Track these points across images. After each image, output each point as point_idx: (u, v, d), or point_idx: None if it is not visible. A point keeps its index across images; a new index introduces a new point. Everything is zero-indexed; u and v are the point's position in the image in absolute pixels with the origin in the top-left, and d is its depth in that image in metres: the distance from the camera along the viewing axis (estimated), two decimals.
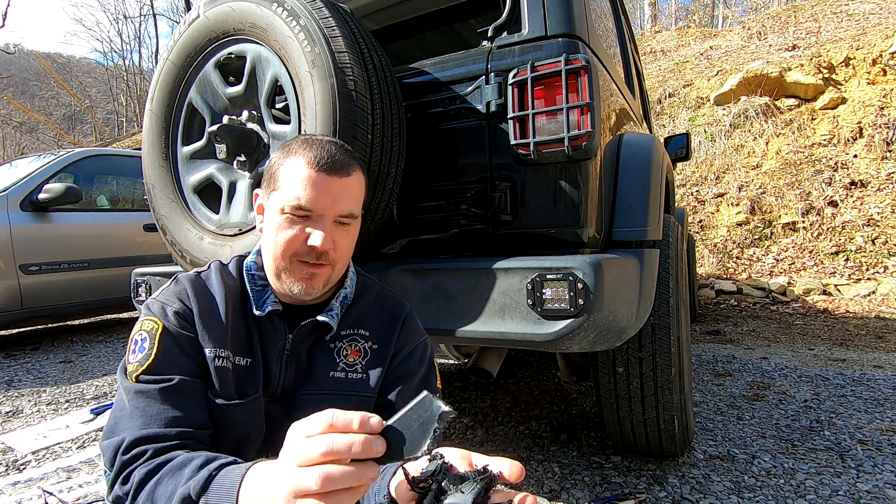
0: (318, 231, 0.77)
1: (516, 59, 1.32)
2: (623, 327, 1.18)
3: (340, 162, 0.79)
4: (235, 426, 0.78)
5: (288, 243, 0.78)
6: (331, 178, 0.78)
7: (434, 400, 0.49)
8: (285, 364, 0.84)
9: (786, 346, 3.27)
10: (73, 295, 3.69)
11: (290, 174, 0.79)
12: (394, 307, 0.93)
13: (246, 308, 0.84)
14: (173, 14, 25.77)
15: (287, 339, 0.84)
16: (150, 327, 0.78)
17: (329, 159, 0.78)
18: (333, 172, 0.78)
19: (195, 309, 0.79)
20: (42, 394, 2.58)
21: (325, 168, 0.78)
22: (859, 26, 7.44)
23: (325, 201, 0.78)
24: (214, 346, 0.78)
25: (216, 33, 1.40)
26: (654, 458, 1.64)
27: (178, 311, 0.78)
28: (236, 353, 0.80)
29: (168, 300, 0.80)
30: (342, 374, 0.85)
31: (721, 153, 6.32)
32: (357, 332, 0.88)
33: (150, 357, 0.75)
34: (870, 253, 4.80)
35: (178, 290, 0.81)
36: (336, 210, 0.79)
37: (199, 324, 0.78)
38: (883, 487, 1.44)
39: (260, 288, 0.85)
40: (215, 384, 0.78)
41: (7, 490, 1.57)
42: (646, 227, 1.37)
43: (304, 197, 0.77)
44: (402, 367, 0.89)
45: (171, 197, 1.52)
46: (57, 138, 22.93)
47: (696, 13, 20.26)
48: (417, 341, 0.92)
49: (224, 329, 0.80)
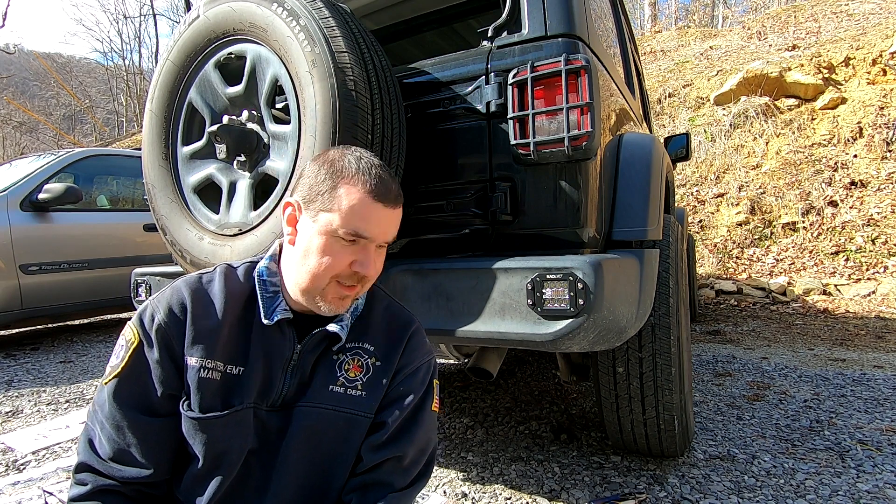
0: (367, 258, 0.79)
1: (516, 59, 1.32)
2: (623, 327, 1.18)
3: (395, 193, 0.81)
4: (212, 441, 0.77)
5: (334, 266, 0.78)
6: (387, 209, 0.80)
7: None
8: (290, 374, 0.82)
9: (786, 346, 3.27)
10: (73, 295, 3.69)
11: (348, 200, 0.77)
12: (402, 323, 0.91)
13: (249, 315, 0.83)
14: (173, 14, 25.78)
15: (296, 348, 0.82)
16: (129, 338, 0.80)
17: (387, 190, 0.80)
18: (390, 204, 0.80)
19: (189, 316, 0.79)
20: (42, 394, 2.58)
21: (383, 199, 0.79)
22: (859, 26, 7.44)
23: (378, 231, 0.80)
24: (202, 357, 0.78)
25: (216, 33, 1.40)
26: (654, 458, 1.64)
27: (165, 322, 0.79)
28: (228, 362, 0.79)
29: (159, 306, 0.80)
30: (341, 390, 0.83)
31: (721, 153, 6.32)
32: (362, 345, 0.87)
33: (119, 368, 0.79)
34: (870, 253, 4.80)
35: (173, 297, 0.81)
36: (384, 238, 0.81)
37: (190, 332, 0.78)
38: (883, 487, 1.44)
39: (271, 295, 0.84)
40: (192, 397, 0.77)
41: (7, 490, 1.57)
42: (646, 227, 1.37)
43: (364, 228, 0.78)
44: (401, 387, 0.87)
45: (171, 197, 1.52)
46: (57, 138, 22.93)
47: (696, 13, 20.27)
48: (422, 361, 0.90)
49: (216, 337, 0.79)
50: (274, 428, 0.81)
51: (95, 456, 0.78)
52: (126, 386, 0.78)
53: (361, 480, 0.83)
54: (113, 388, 0.78)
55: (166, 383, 0.78)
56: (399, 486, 0.83)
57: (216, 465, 0.78)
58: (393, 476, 0.83)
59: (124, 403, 0.77)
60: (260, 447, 0.81)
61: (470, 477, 1.58)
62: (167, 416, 0.78)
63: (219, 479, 0.78)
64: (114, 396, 0.77)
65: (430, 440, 0.89)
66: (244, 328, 0.82)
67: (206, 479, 0.78)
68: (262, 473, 0.81)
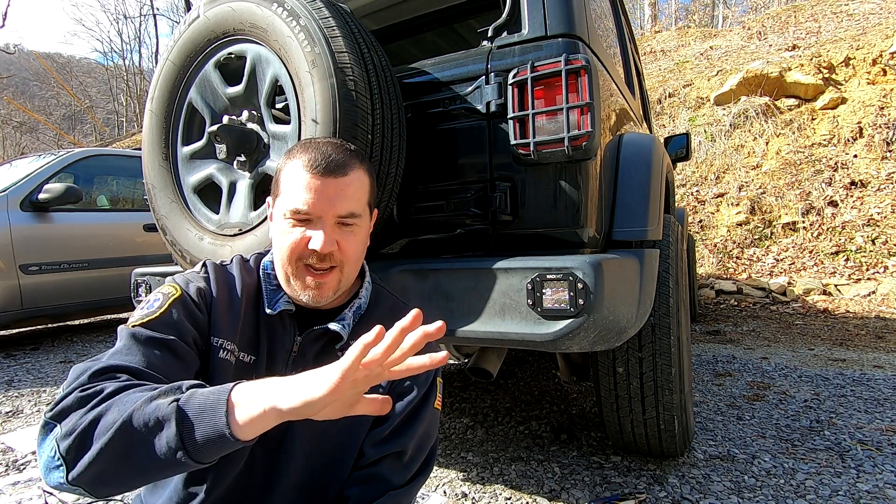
0: (318, 233, 0.77)
1: (516, 59, 1.32)
2: (623, 327, 1.18)
3: (336, 161, 0.79)
4: None
5: (291, 248, 0.79)
6: (327, 179, 0.78)
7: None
8: (291, 366, 0.83)
9: (786, 346, 3.27)
10: (73, 295, 3.69)
11: (289, 179, 0.80)
12: None
13: (258, 306, 0.85)
14: (173, 14, 25.76)
15: (295, 340, 0.83)
16: (167, 291, 0.79)
17: (324, 161, 0.78)
18: (329, 174, 0.78)
19: (215, 295, 0.81)
20: (42, 394, 2.58)
21: (321, 170, 0.78)
22: (859, 26, 7.44)
23: (322, 203, 0.78)
24: (223, 337, 0.79)
25: (216, 33, 1.40)
26: (654, 458, 1.64)
27: (200, 289, 0.80)
28: (242, 349, 0.81)
29: (193, 278, 0.82)
30: None
31: (721, 153, 6.32)
32: None
33: (156, 313, 0.74)
34: (870, 253, 4.80)
35: (203, 273, 0.84)
36: (335, 211, 0.79)
37: (216, 310, 0.80)
38: (883, 487, 1.44)
39: (274, 288, 0.86)
40: (210, 375, 0.77)
41: (7, 490, 1.57)
42: (646, 227, 1.37)
43: (301, 200, 0.77)
44: (405, 383, 0.87)
45: (171, 197, 1.52)
46: (57, 138, 22.92)
47: (696, 13, 20.27)
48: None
49: (237, 322, 0.81)
50: (281, 424, 0.81)
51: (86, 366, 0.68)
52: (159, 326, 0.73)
53: (363, 475, 0.84)
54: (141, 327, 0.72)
55: (197, 339, 0.77)
56: (398, 483, 0.83)
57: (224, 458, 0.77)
58: (392, 472, 0.83)
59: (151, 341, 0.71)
60: (264, 443, 0.80)
61: (470, 477, 1.58)
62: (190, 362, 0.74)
63: (223, 471, 0.77)
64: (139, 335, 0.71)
65: (430, 437, 0.89)
66: (254, 319, 0.84)
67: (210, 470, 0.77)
68: (266, 469, 0.81)
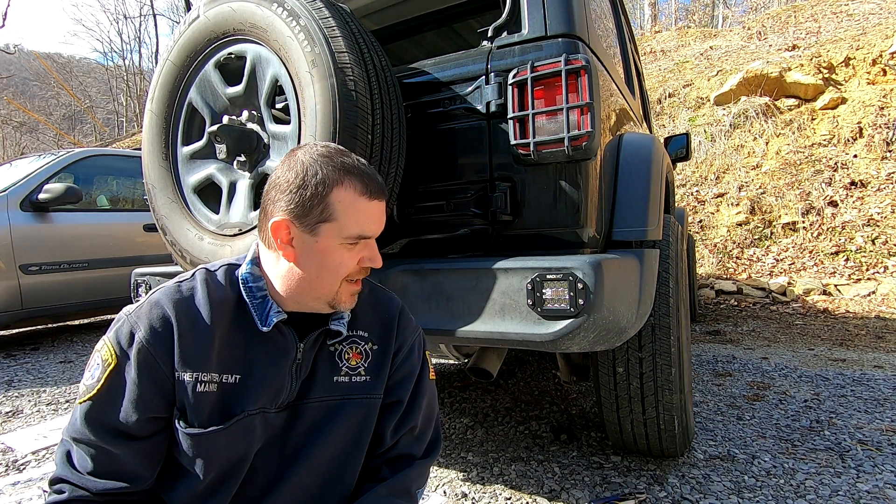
0: (374, 252, 0.82)
1: (516, 59, 1.32)
2: (623, 327, 1.18)
3: (381, 185, 0.82)
4: (215, 454, 0.75)
5: (347, 270, 0.80)
6: (381, 202, 0.82)
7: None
8: (296, 374, 0.82)
9: (786, 346, 3.27)
10: (73, 295, 3.69)
11: (347, 207, 0.77)
12: (387, 304, 0.94)
13: (241, 320, 0.80)
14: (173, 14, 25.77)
15: (299, 347, 0.82)
16: (105, 357, 0.75)
17: (375, 184, 0.81)
18: (381, 197, 0.82)
19: (175, 332, 0.75)
20: (42, 394, 2.58)
21: (375, 195, 0.80)
22: (859, 26, 7.44)
23: (378, 225, 0.82)
24: (196, 370, 0.75)
25: (216, 33, 1.41)
26: (654, 458, 1.64)
27: (147, 340, 0.74)
28: (223, 372, 0.77)
29: (139, 323, 0.75)
30: (346, 379, 0.85)
31: (721, 153, 6.32)
32: (356, 333, 0.88)
33: (94, 389, 0.74)
34: (870, 253, 4.80)
35: (153, 312, 0.76)
36: (382, 229, 0.84)
37: (179, 348, 0.74)
38: (883, 487, 1.44)
39: (259, 300, 0.81)
40: (189, 413, 0.75)
41: (7, 490, 1.57)
42: (646, 227, 1.37)
43: (367, 228, 0.80)
44: (405, 366, 0.91)
45: (171, 197, 1.52)
46: (57, 138, 22.92)
47: (696, 13, 20.26)
48: (414, 336, 0.94)
49: (209, 349, 0.76)
50: (283, 427, 0.81)
51: (72, 469, 0.75)
52: (102, 408, 0.74)
53: (388, 457, 0.88)
54: (87, 409, 0.74)
55: (147, 406, 0.74)
56: (418, 454, 0.90)
57: (220, 478, 0.77)
58: (412, 446, 0.90)
59: (100, 427, 0.74)
60: (268, 446, 0.81)
61: (470, 477, 1.58)
62: (147, 437, 0.75)
63: (224, 489, 0.77)
64: (88, 419, 0.74)
65: (433, 407, 0.96)
66: (237, 335, 0.79)
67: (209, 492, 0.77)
68: (270, 471, 0.81)
